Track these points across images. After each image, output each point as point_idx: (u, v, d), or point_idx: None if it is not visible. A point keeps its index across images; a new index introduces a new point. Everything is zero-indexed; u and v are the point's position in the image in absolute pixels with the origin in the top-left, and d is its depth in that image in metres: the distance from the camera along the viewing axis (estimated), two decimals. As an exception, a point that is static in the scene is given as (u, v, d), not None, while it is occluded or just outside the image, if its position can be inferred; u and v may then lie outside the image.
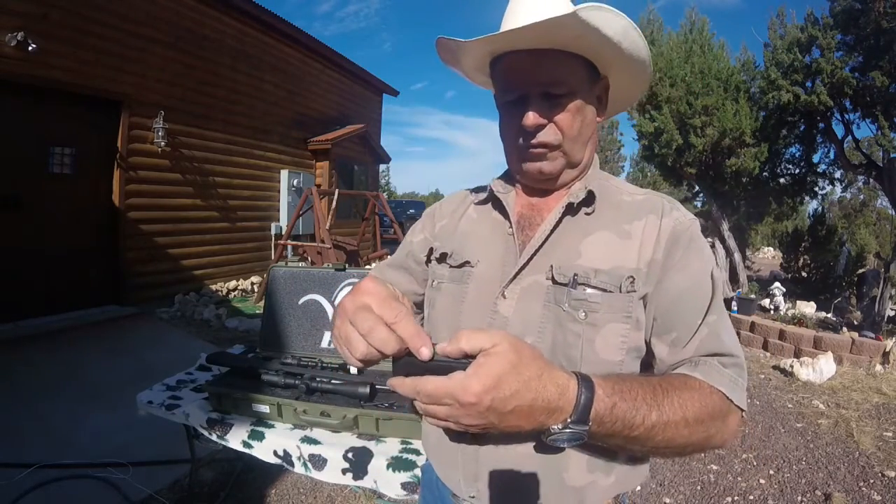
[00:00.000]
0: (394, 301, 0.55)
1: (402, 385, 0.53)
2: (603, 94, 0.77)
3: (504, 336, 0.51)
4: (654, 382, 0.61)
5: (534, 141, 0.72)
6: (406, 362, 0.53)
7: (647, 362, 0.72)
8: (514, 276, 0.73)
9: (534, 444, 0.68)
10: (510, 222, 0.77)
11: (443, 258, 0.83)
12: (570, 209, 0.74)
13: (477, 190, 0.89)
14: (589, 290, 0.68)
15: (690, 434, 0.60)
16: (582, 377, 0.55)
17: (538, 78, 0.70)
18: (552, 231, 0.74)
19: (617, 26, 0.65)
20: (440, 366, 0.51)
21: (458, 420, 0.52)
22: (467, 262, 0.79)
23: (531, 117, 0.70)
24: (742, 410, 0.65)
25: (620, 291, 0.68)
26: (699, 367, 0.65)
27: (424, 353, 0.51)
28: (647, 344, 0.70)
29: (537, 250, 0.73)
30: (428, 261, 0.87)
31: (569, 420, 0.53)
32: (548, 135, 0.72)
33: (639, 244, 0.71)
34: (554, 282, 0.71)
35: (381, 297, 0.55)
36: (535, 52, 0.69)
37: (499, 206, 0.80)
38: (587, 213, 0.75)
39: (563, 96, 0.70)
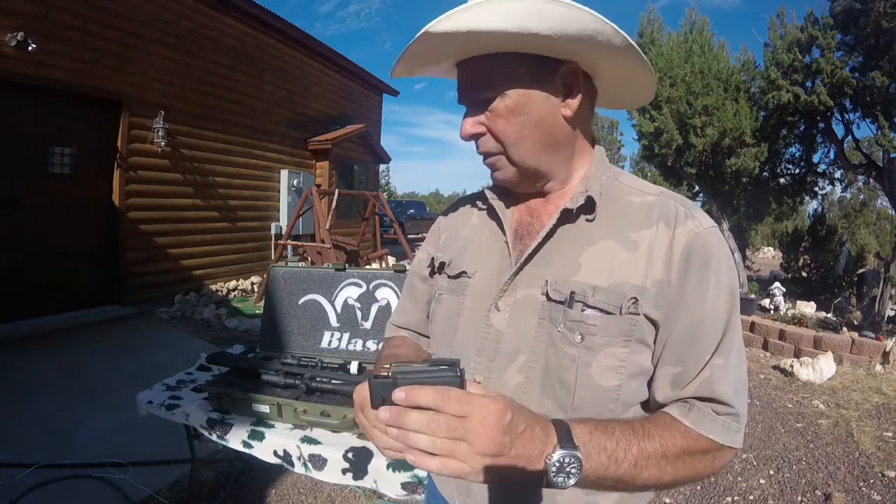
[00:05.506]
0: None
1: (417, 396, 0.47)
2: (571, 79, 0.67)
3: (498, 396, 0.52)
4: (632, 422, 0.61)
5: (478, 152, 0.71)
6: (383, 384, 0.49)
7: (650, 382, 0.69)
8: (507, 288, 0.70)
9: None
10: (503, 230, 0.74)
11: (441, 268, 0.80)
12: (568, 216, 0.69)
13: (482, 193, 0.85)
14: (587, 311, 0.64)
15: (676, 470, 0.60)
16: (552, 419, 0.56)
17: (466, 86, 0.68)
18: (544, 241, 0.69)
19: (510, 13, 0.57)
20: (424, 381, 0.48)
21: (470, 440, 0.47)
22: (464, 273, 0.76)
23: (462, 129, 0.69)
24: (735, 449, 0.64)
25: (621, 313, 0.63)
26: (690, 415, 0.62)
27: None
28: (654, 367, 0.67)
29: (527, 260, 0.69)
30: (432, 274, 0.83)
31: (556, 444, 0.52)
32: (485, 144, 0.69)
33: (646, 258, 0.64)
34: (549, 298, 0.66)
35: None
36: (469, 61, 0.67)
37: (494, 213, 0.77)
38: (588, 220, 0.68)
39: (492, 100, 0.66)
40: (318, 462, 1.39)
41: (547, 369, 0.65)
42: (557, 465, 0.51)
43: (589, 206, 0.68)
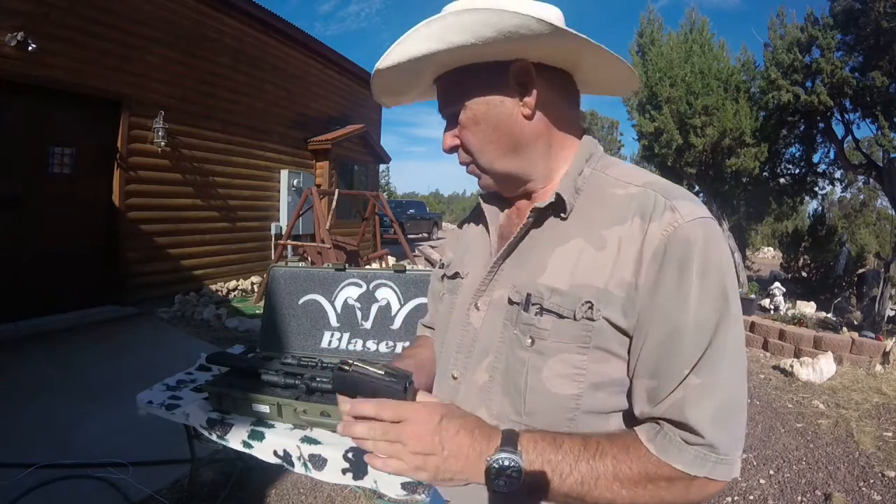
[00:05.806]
0: None
1: (359, 409, 0.57)
2: (524, 77, 0.65)
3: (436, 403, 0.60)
4: (587, 438, 0.58)
5: (459, 163, 0.74)
6: (342, 377, 0.60)
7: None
8: (485, 288, 0.71)
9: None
10: (488, 231, 0.76)
11: (444, 269, 0.84)
12: (540, 216, 0.68)
13: None
14: (543, 315, 0.61)
15: (634, 495, 0.56)
16: (504, 429, 0.60)
17: (439, 103, 0.73)
18: (516, 242, 0.69)
19: (433, 34, 0.61)
20: (373, 384, 0.58)
21: (404, 441, 0.55)
22: (457, 274, 0.79)
23: (443, 143, 0.73)
24: (719, 482, 0.56)
25: (575, 318, 0.59)
26: (657, 439, 0.56)
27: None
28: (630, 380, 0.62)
29: (501, 260, 0.70)
30: (443, 276, 0.86)
31: (498, 447, 0.56)
32: (461, 155, 0.73)
33: (613, 258, 0.60)
34: (510, 301, 0.66)
35: None
36: (439, 80, 0.71)
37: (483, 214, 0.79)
38: (563, 218, 0.66)
39: (457, 114, 0.69)
40: (318, 462, 1.39)
41: (507, 371, 0.65)
42: (496, 466, 0.54)
43: (560, 204, 0.66)
